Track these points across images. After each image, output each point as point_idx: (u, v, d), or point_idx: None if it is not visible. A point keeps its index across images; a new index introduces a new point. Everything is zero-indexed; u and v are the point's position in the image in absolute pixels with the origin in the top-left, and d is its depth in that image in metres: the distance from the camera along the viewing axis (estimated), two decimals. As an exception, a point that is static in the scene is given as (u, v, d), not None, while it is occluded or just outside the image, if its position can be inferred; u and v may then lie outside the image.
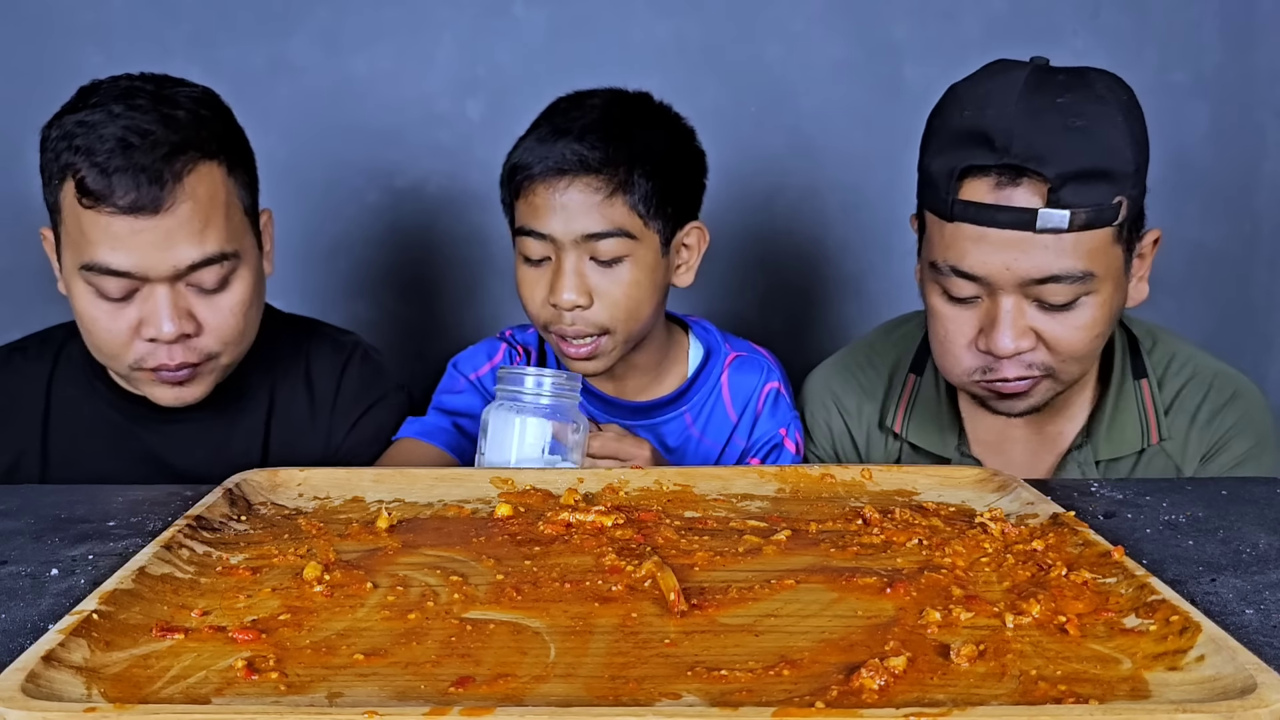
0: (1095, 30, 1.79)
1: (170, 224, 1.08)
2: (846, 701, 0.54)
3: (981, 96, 1.05)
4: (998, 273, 1.04)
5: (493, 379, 1.30)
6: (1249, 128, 1.83)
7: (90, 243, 1.09)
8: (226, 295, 1.14)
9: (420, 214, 1.81)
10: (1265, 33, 1.80)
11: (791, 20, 1.77)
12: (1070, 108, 1.02)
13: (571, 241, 1.16)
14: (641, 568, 0.71)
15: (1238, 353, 1.89)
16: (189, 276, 1.11)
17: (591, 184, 1.16)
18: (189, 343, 1.12)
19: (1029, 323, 1.06)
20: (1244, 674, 0.54)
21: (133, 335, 1.11)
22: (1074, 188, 1.00)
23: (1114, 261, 1.06)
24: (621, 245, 1.17)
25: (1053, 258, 1.02)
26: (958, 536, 0.78)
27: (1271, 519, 0.87)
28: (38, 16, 1.73)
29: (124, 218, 1.07)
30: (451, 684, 0.57)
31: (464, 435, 1.26)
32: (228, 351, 1.16)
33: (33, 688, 0.53)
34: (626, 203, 1.17)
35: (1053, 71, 1.05)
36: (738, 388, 1.31)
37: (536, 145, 1.18)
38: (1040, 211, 1.01)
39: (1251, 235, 1.86)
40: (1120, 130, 1.03)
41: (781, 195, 1.80)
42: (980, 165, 1.03)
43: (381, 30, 1.75)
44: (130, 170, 1.06)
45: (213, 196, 1.12)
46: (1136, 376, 1.20)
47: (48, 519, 0.88)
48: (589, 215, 1.16)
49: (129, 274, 1.09)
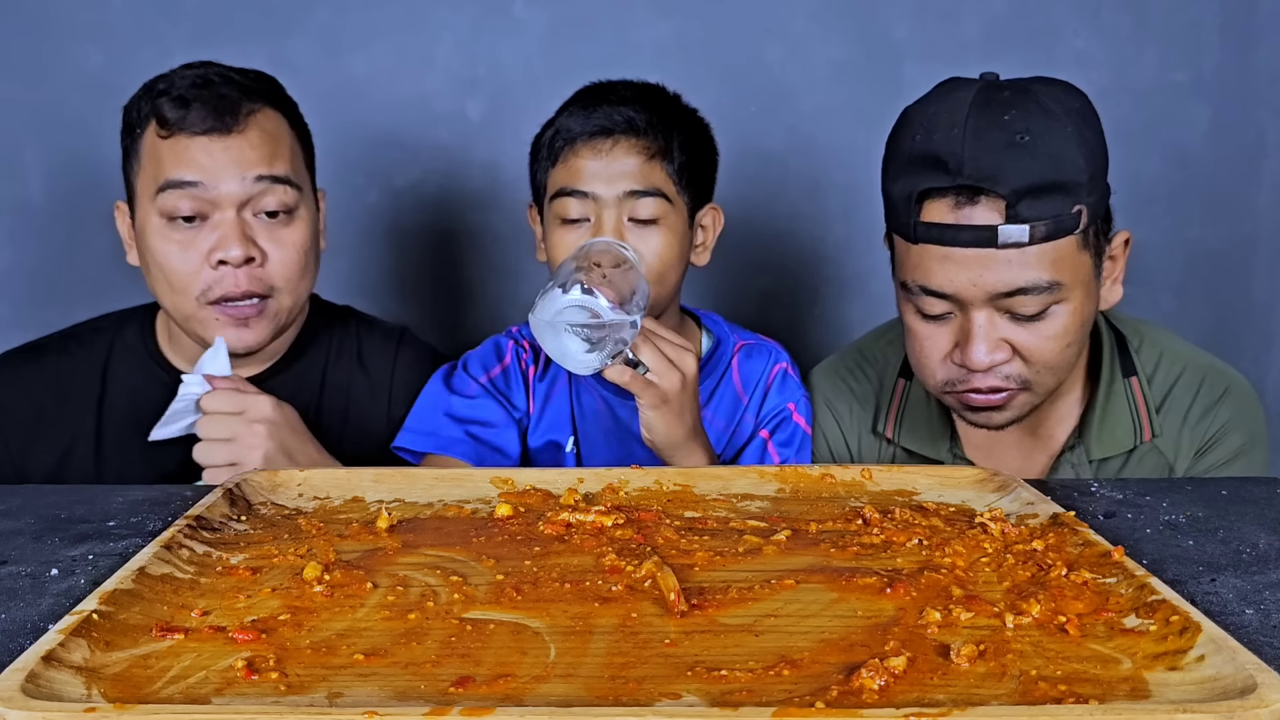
0: (1095, 30, 1.79)
1: (242, 144, 1.18)
2: (846, 701, 0.54)
3: (931, 119, 1.06)
4: (965, 289, 1.05)
5: (504, 381, 1.31)
6: (1249, 128, 1.83)
7: (166, 166, 1.17)
8: (290, 230, 1.22)
9: (420, 214, 1.81)
10: (1265, 33, 1.80)
11: (791, 20, 1.77)
12: (1016, 123, 1.02)
13: (615, 199, 1.20)
14: (641, 568, 0.71)
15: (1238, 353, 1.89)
16: (256, 201, 1.18)
17: (636, 145, 1.21)
18: (254, 271, 1.19)
19: (1002, 335, 1.06)
20: (1244, 674, 0.54)
21: (202, 264, 1.18)
22: (1030, 202, 1.02)
23: (1081, 268, 1.06)
24: (659, 206, 1.21)
25: (1017, 271, 1.03)
26: (958, 536, 0.78)
27: (1271, 519, 0.87)
28: (38, 16, 1.73)
29: (199, 139, 1.17)
30: (451, 684, 0.57)
31: (480, 444, 1.26)
32: (288, 290, 1.22)
33: (33, 688, 0.53)
34: (664, 169, 1.22)
35: (999, 88, 1.06)
36: (747, 372, 1.33)
37: (579, 112, 1.23)
38: (1000, 228, 1.02)
39: (1251, 235, 1.86)
40: (1069, 140, 1.03)
41: (781, 195, 1.80)
42: (937, 187, 1.04)
43: (381, 30, 1.75)
44: (205, 100, 1.17)
45: (278, 135, 1.22)
46: (1126, 374, 1.20)
47: (48, 519, 0.87)
48: (632, 175, 1.20)
49: (200, 184, 1.16)
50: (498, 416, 1.28)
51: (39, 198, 1.77)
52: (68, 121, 1.74)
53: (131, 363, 1.29)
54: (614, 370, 1.05)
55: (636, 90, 1.26)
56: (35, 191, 1.77)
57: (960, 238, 1.04)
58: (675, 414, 1.10)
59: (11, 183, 1.76)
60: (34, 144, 1.76)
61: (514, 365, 1.32)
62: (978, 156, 1.02)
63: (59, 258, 1.77)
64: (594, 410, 1.31)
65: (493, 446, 1.27)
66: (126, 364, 1.29)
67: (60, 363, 1.28)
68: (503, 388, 1.31)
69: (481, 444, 1.26)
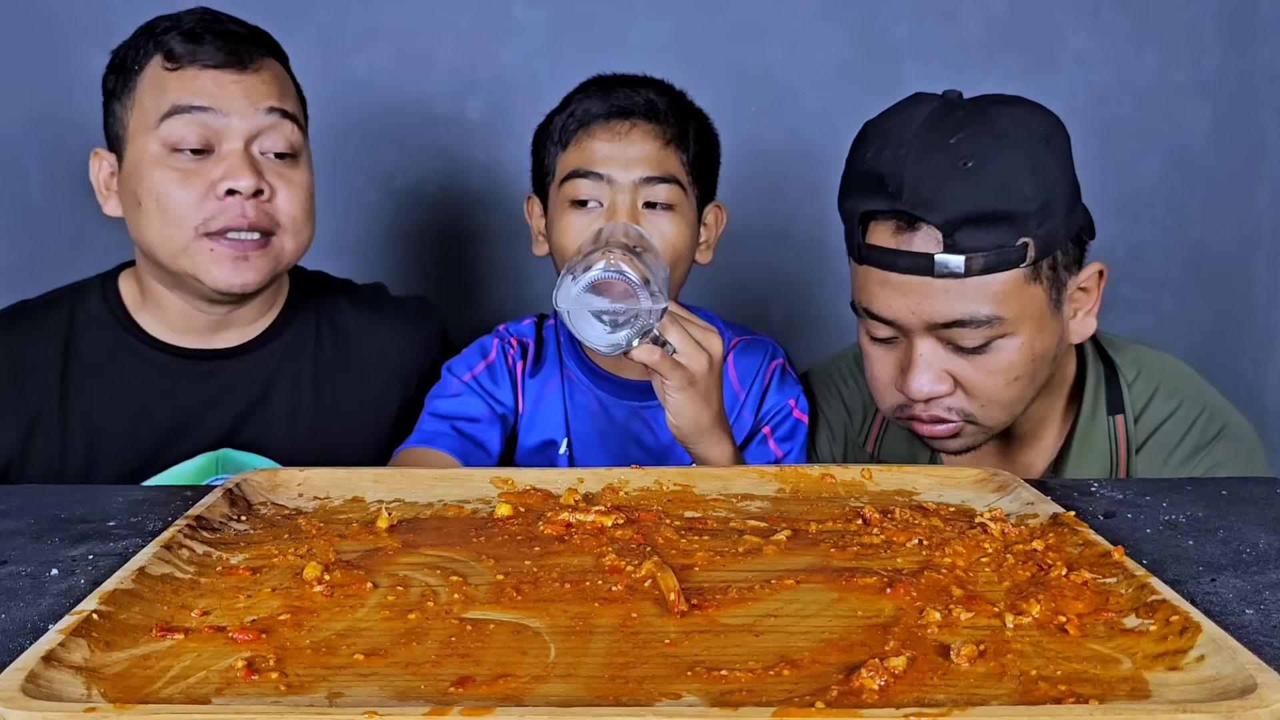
0: (1095, 30, 1.79)
1: (254, 80, 1.17)
2: (846, 701, 0.54)
3: (884, 135, 1.03)
4: (904, 316, 1.02)
5: (489, 378, 1.30)
6: (1249, 128, 1.83)
7: (172, 93, 1.15)
8: (296, 172, 1.21)
9: (420, 214, 1.81)
10: (1265, 33, 1.80)
11: (791, 20, 1.77)
12: (961, 148, 0.98)
13: (630, 183, 1.19)
14: (641, 568, 0.71)
15: (1237, 353, 1.89)
16: (265, 137, 1.17)
17: (654, 130, 1.20)
18: (262, 204, 1.17)
19: (944, 366, 1.03)
20: (1244, 674, 0.54)
21: (205, 195, 1.15)
22: (969, 231, 0.98)
23: (1030, 303, 1.02)
24: (674, 193, 1.21)
25: (955, 301, 1.00)
26: (958, 536, 0.78)
27: (1271, 519, 0.87)
28: (38, 16, 1.73)
29: (210, 71, 1.15)
30: (451, 684, 0.57)
31: (465, 438, 1.26)
32: (292, 231, 1.20)
33: (33, 688, 0.53)
34: (679, 156, 1.22)
35: (955, 107, 1.02)
36: (742, 367, 1.33)
37: (596, 94, 1.22)
38: (936, 257, 0.99)
39: (1251, 235, 1.86)
40: (1019, 168, 0.98)
41: (781, 195, 1.80)
42: (880, 210, 1.02)
43: (381, 30, 1.75)
44: (217, 35, 1.17)
45: (285, 80, 1.22)
46: (1112, 410, 1.15)
47: (48, 519, 0.87)
48: (649, 159, 1.19)
49: (211, 110, 1.14)
50: (480, 412, 1.28)
51: (39, 198, 1.77)
52: (68, 121, 1.74)
53: (96, 333, 1.23)
54: (642, 350, 1.01)
55: (649, 79, 1.26)
56: (35, 191, 1.77)
57: (898, 263, 1.01)
58: (702, 397, 1.06)
59: (11, 183, 1.76)
60: (34, 144, 1.76)
61: (499, 362, 1.31)
62: (918, 180, 0.98)
63: (59, 258, 1.77)
64: (588, 410, 1.31)
65: (476, 441, 1.26)
66: (91, 334, 1.23)
67: (11, 340, 1.22)
68: (487, 385, 1.30)
69: (466, 438, 1.25)
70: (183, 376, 1.23)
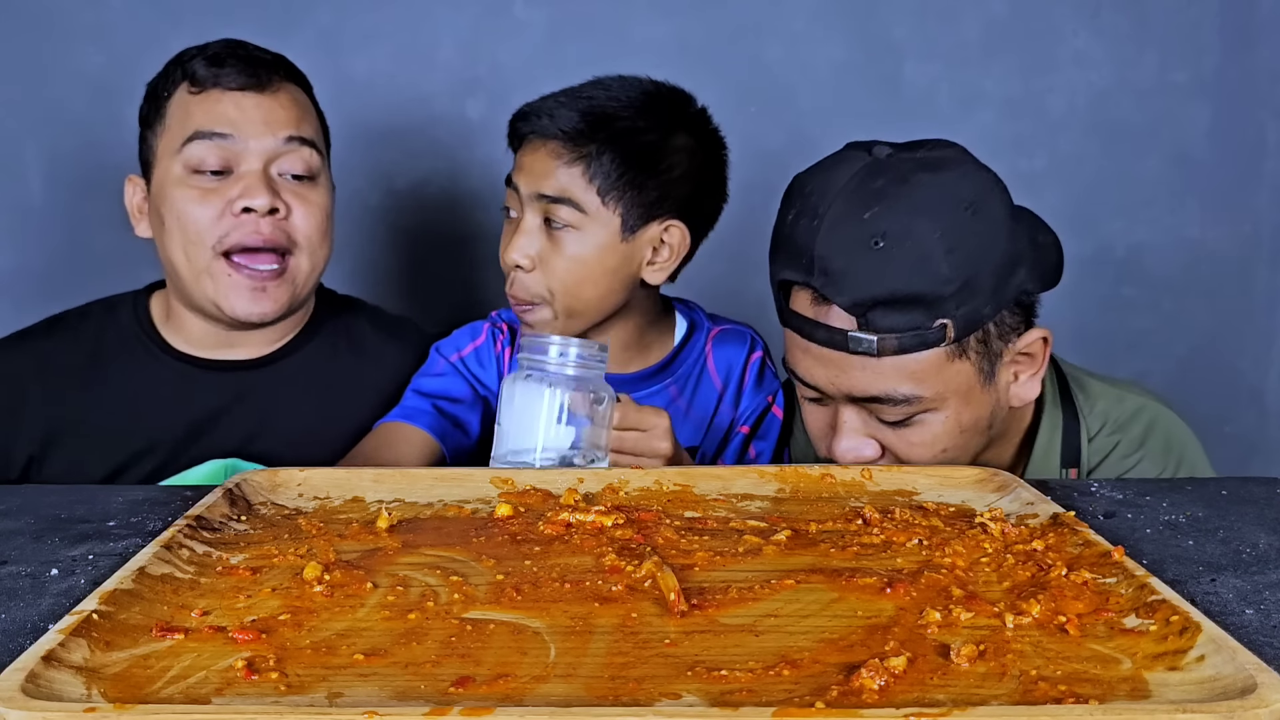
0: (1095, 30, 1.79)
1: (273, 104, 1.21)
2: (846, 701, 0.54)
3: (804, 199, 0.99)
4: (825, 385, 1.01)
5: (476, 361, 1.31)
6: (1249, 128, 1.83)
7: (195, 118, 1.19)
8: (314, 192, 1.23)
9: (421, 214, 1.81)
10: (1265, 33, 1.80)
11: (791, 20, 1.77)
12: (876, 224, 0.93)
13: (529, 197, 1.21)
14: (641, 568, 0.71)
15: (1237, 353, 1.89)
16: (283, 160, 1.20)
17: (556, 148, 1.20)
18: (278, 222, 1.19)
19: (870, 431, 1.02)
20: (1244, 674, 0.54)
21: (222, 212, 1.18)
22: (882, 312, 0.94)
23: (954, 379, 0.98)
24: (569, 214, 1.21)
25: (871, 378, 0.97)
26: (958, 536, 0.78)
27: (1271, 519, 0.87)
28: (38, 16, 1.73)
29: (232, 94, 1.20)
30: (451, 684, 0.57)
31: (444, 417, 1.26)
32: (308, 250, 1.23)
33: (33, 688, 0.53)
34: (585, 174, 1.20)
35: (877, 174, 0.96)
36: (721, 359, 1.33)
37: (537, 103, 1.25)
38: (849, 334, 0.96)
39: (1251, 235, 1.86)
40: (934, 247, 0.93)
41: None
42: (796, 280, 1.00)
43: (381, 30, 1.75)
44: (239, 60, 1.21)
45: (305, 105, 1.26)
46: (1066, 464, 1.12)
47: (48, 519, 0.87)
48: (545, 175, 1.20)
49: (230, 136, 1.18)
50: (463, 393, 1.29)
51: (39, 198, 1.77)
52: (68, 121, 1.74)
53: (123, 344, 1.27)
54: None
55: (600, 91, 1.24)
56: (35, 191, 1.77)
57: (816, 335, 0.99)
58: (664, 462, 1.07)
59: (11, 183, 1.76)
60: (34, 144, 1.76)
61: (488, 346, 1.32)
62: (829, 257, 0.95)
63: (59, 258, 1.77)
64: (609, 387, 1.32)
65: (456, 420, 1.27)
66: (118, 345, 1.27)
67: (45, 346, 1.27)
68: (473, 367, 1.31)
69: (444, 417, 1.26)
70: (200, 384, 1.25)
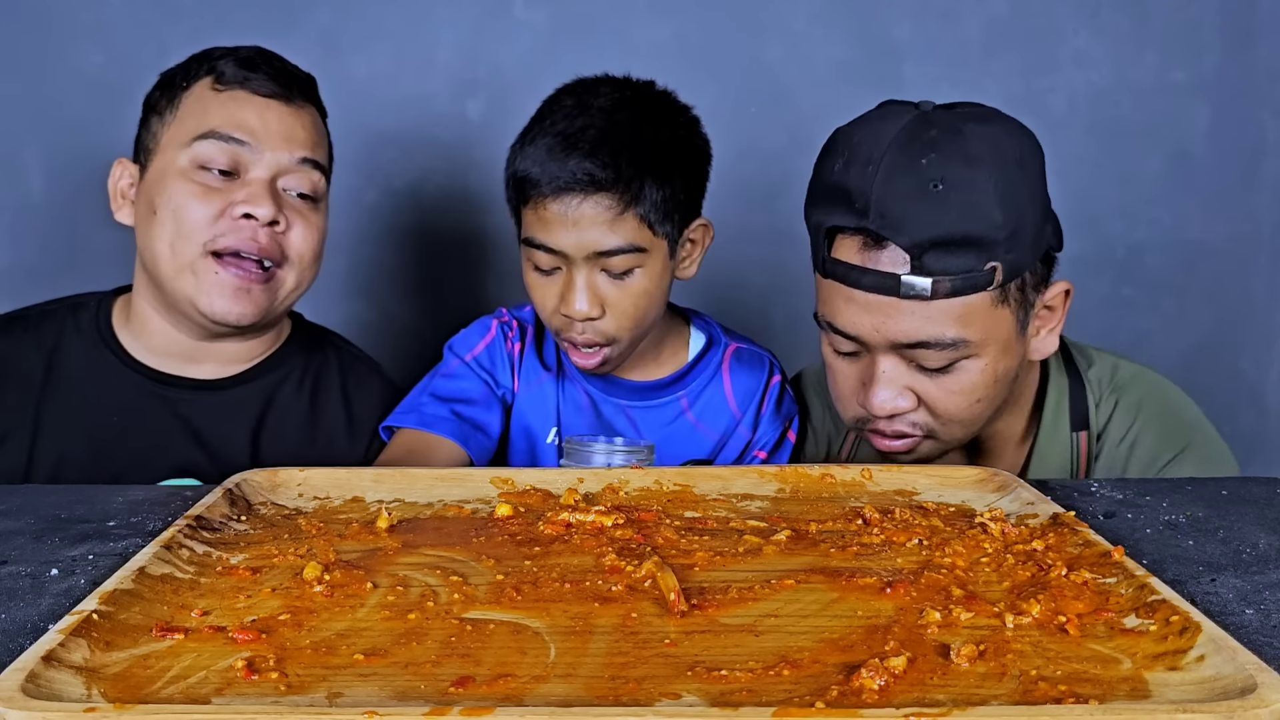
0: (1095, 30, 1.79)
1: (295, 121, 1.21)
2: (846, 701, 0.54)
3: (853, 148, 1.01)
4: (868, 334, 1.01)
5: (489, 358, 1.30)
6: (1249, 127, 1.83)
7: (214, 116, 1.18)
8: (314, 214, 1.23)
9: (419, 214, 1.81)
10: (1265, 33, 1.80)
11: (791, 20, 1.77)
12: (931, 170, 0.96)
13: (584, 258, 1.17)
14: (641, 568, 0.71)
15: (1238, 353, 1.89)
16: (291, 177, 1.20)
17: (603, 201, 1.15)
18: (275, 233, 1.19)
19: (907, 383, 1.03)
20: (1244, 674, 0.54)
21: (220, 213, 1.16)
22: (936, 255, 0.96)
23: (996, 325, 1.01)
24: (633, 259, 1.18)
25: (920, 323, 0.99)
26: (958, 536, 0.78)
27: (1271, 519, 0.87)
28: (38, 16, 1.73)
29: (259, 99, 1.19)
30: (451, 684, 0.57)
31: (464, 422, 1.25)
32: (298, 268, 1.22)
33: (33, 688, 0.53)
34: (637, 215, 1.17)
35: (928, 125, 0.99)
36: (741, 383, 1.32)
37: (546, 159, 1.16)
38: (902, 278, 0.97)
39: (1251, 235, 1.86)
40: (988, 194, 0.96)
41: (782, 195, 1.79)
42: (846, 226, 1.00)
43: (381, 30, 1.75)
44: (272, 69, 1.21)
45: (322, 132, 1.27)
46: (1076, 427, 1.14)
47: (48, 519, 0.87)
48: (601, 232, 1.16)
49: (248, 144, 1.17)
50: (479, 393, 1.28)
51: (39, 198, 1.77)
52: (68, 121, 1.74)
53: (81, 348, 1.24)
54: None
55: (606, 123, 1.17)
56: (35, 191, 1.77)
57: (864, 281, 0.99)
58: None
59: (11, 183, 1.76)
60: (34, 144, 1.76)
61: (498, 343, 1.32)
62: (885, 201, 0.96)
63: (59, 258, 1.77)
64: (577, 403, 1.32)
65: (476, 424, 1.26)
66: (76, 349, 1.24)
67: (2, 345, 1.24)
68: (486, 365, 1.30)
69: (464, 421, 1.25)
70: (155, 401, 1.23)
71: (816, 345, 1.82)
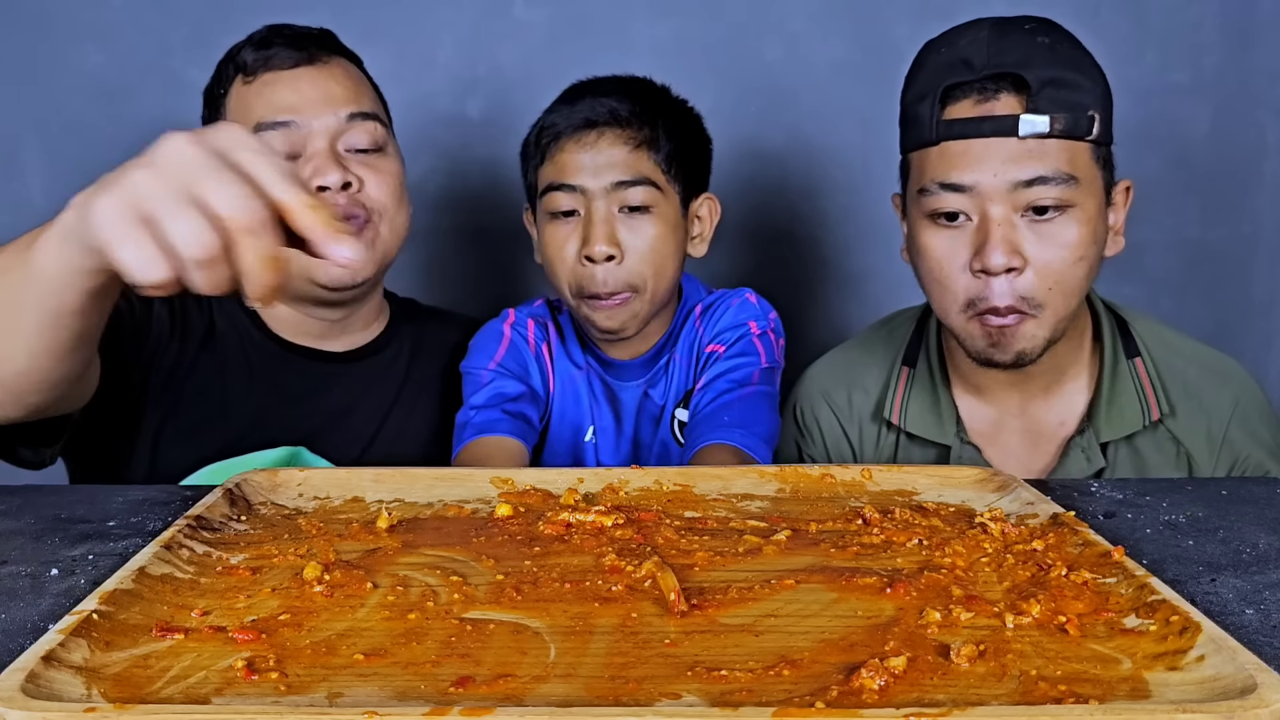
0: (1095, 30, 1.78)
1: (328, 79, 1.20)
2: (846, 701, 0.54)
3: (954, 35, 1.13)
4: (986, 180, 1.07)
5: (510, 359, 1.30)
6: (1249, 128, 1.83)
7: (255, 110, 1.18)
8: (385, 160, 1.23)
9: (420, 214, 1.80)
10: (1265, 33, 1.80)
11: (791, 20, 1.77)
12: (1038, 31, 1.09)
13: (602, 190, 1.21)
14: (641, 568, 0.71)
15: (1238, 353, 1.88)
16: (349, 137, 1.19)
17: (621, 136, 1.21)
18: (353, 194, 1.18)
19: (1017, 242, 1.08)
20: (1244, 674, 0.54)
21: None
22: (1051, 93, 1.06)
23: (1094, 181, 1.10)
24: (649, 194, 1.22)
25: (1037, 161, 1.06)
26: (958, 536, 0.78)
27: (1271, 519, 0.87)
28: (38, 16, 1.73)
29: (285, 74, 1.19)
30: (451, 684, 0.57)
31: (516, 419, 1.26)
32: (387, 218, 1.22)
33: (33, 688, 0.53)
34: (651, 156, 1.22)
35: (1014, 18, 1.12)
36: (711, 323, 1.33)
37: (564, 107, 1.24)
38: (1021, 117, 1.06)
39: (1251, 235, 1.86)
40: (1085, 55, 1.10)
41: (780, 195, 1.80)
42: (961, 83, 1.08)
43: (381, 30, 1.75)
44: (285, 39, 1.21)
45: (359, 79, 1.25)
46: (1130, 355, 1.21)
47: (48, 519, 0.87)
48: (619, 165, 1.21)
49: (293, 123, 1.17)
50: (517, 389, 1.29)
51: (39, 198, 1.77)
52: (68, 121, 1.74)
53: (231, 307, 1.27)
54: None
55: (620, 83, 1.27)
56: (35, 191, 1.77)
57: (983, 128, 1.07)
58: None
59: (11, 183, 1.76)
60: (34, 144, 1.76)
61: (519, 343, 1.32)
62: (1001, 52, 1.07)
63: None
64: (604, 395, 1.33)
65: (525, 418, 1.27)
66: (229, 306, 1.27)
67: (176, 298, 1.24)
68: (513, 366, 1.31)
69: (516, 418, 1.26)
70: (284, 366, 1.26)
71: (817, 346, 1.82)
